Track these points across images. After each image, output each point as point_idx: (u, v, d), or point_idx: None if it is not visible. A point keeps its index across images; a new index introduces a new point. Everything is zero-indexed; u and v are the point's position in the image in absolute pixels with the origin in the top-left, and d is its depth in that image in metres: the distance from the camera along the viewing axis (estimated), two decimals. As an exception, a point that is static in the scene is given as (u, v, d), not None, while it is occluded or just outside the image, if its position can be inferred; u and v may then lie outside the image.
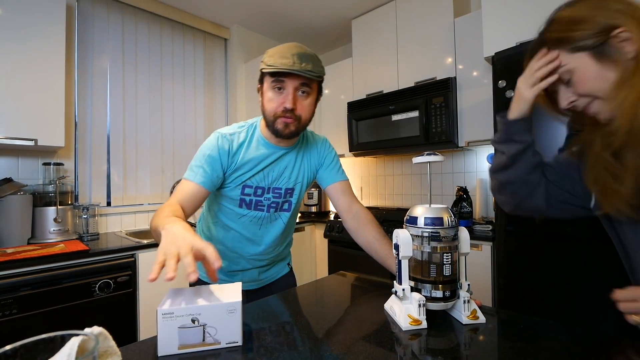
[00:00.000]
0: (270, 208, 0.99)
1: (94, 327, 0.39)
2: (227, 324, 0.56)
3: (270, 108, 0.89)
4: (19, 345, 0.32)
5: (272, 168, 0.97)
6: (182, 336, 0.54)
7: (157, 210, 0.81)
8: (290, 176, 0.99)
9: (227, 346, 0.56)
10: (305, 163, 1.03)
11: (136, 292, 1.68)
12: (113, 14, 2.23)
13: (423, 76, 2.17)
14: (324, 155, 1.05)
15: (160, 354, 0.54)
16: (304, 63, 0.84)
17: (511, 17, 1.69)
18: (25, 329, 1.35)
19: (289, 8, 2.56)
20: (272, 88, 0.87)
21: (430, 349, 0.55)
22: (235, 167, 0.93)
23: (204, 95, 2.72)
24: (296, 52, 0.84)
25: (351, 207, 1.01)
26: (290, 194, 1.01)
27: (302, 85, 0.86)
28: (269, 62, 0.85)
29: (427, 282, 0.63)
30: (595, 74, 0.57)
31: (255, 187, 0.96)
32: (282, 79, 0.85)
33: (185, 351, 0.54)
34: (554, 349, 0.53)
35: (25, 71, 1.63)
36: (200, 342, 0.55)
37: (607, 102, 0.57)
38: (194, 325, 0.54)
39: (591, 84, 0.58)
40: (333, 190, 1.03)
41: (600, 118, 0.60)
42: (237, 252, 1.02)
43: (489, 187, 0.87)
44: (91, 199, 2.11)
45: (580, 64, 0.59)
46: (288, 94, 0.86)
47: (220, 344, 0.56)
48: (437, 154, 0.66)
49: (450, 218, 0.63)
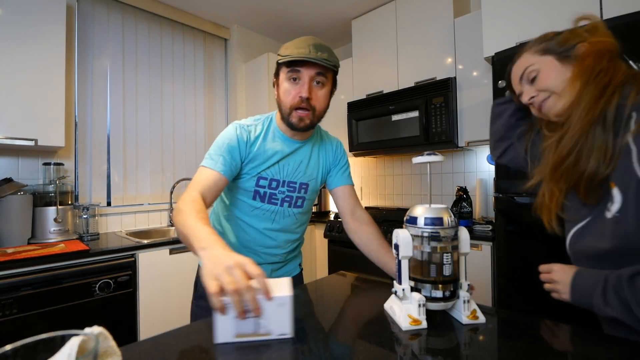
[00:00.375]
0: (284, 202, 0.99)
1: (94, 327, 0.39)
2: (278, 317, 0.58)
3: (286, 100, 0.90)
4: (19, 345, 0.32)
5: (287, 161, 0.98)
6: (237, 325, 0.57)
7: (180, 204, 0.79)
8: (305, 171, 1.01)
9: (278, 337, 0.59)
10: (321, 159, 1.05)
11: (136, 292, 1.68)
12: (113, 14, 2.24)
13: (423, 76, 2.17)
14: (338, 156, 1.09)
15: (218, 342, 0.57)
16: (320, 52, 0.86)
17: (511, 17, 1.69)
18: (25, 329, 1.35)
19: (289, 8, 2.56)
20: (288, 79, 0.89)
21: (430, 349, 0.55)
22: (251, 158, 0.94)
23: (204, 95, 2.72)
24: (312, 42, 0.87)
25: (355, 210, 1.06)
26: (305, 189, 1.02)
27: (318, 74, 0.88)
28: (284, 53, 0.87)
29: (427, 282, 0.63)
30: (557, 72, 0.70)
31: (271, 180, 0.97)
32: (297, 68, 0.87)
33: (240, 340, 0.58)
34: (553, 349, 0.53)
35: (25, 71, 1.64)
36: (253, 332, 0.58)
37: (560, 98, 0.69)
38: (248, 316, 0.57)
39: (551, 80, 0.71)
40: (340, 192, 1.07)
41: (552, 115, 0.72)
42: (249, 247, 1.02)
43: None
44: (91, 199, 2.11)
45: (546, 64, 0.72)
46: (304, 83, 0.88)
47: (271, 335, 0.59)
48: (437, 154, 0.66)
49: (450, 218, 0.63)
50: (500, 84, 1.50)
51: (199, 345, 0.57)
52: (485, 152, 2.21)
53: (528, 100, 0.75)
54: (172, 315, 1.76)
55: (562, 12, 1.54)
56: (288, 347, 0.56)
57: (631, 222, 0.58)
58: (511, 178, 1.47)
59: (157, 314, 1.74)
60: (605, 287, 0.60)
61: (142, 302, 1.69)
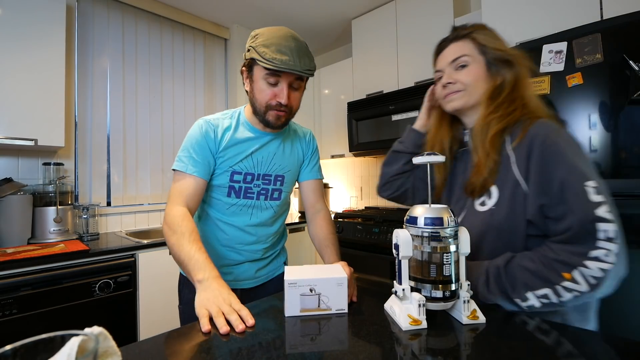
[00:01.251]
0: (260, 195, 0.99)
1: (94, 327, 0.38)
2: (337, 294, 0.69)
3: (261, 99, 0.89)
4: (19, 345, 0.32)
5: (260, 154, 0.97)
6: (302, 301, 0.68)
7: (170, 220, 0.84)
8: (280, 163, 1.00)
9: (336, 312, 0.69)
10: (295, 150, 1.05)
11: (136, 292, 1.68)
12: (113, 14, 2.24)
13: (423, 76, 2.17)
14: (310, 149, 1.10)
15: (287, 315, 0.68)
16: (302, 61, 0.84)
17: (511, 17, 1.69)
18: (25, 329, 1.35)
19: (289, 8, 2.56)
20: (264, 80, 0.87)
21: (430, 349, 0.55)
22: (222, 152, 0.93)
23: (204, 95, 2.72)
24: (293, 46, 0.84)
25: (316, 204, 1.09)
26: (281, 181, 1.02)
27: (296, 80, 0.88)
28: (265, 56, 0.82)
29: (427, 282, 0.63)
30: (481, 77, 0.79)
31: (245, 174, 0.96)
32: (278, 74, 0.85)
33: (305, 314, 0.68)
34: (553, 349, 0.53)
35: (25, 71, 1.63)
36: (316, 307, 0.69)
37: (469, 98, 0.79)
38: (311, 294, 0.68)
39: (473, 81, 0.79)
40: (307, 186, 1.09)
41: (450, 106, 0.82)
42: (229, 246, 1.01)
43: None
44: (91, 199, 2.11)
45: (478, 63, 0.79)
46: (283, 89, 0.86)
47: (331, 310, 0.69)
48: (437, 154, 0.66)
49: (450, 218, 0.63)
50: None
51: (199, 345, 0.57)
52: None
53: (444, 82, 0.82)
54: (172, 315, 1.75)
55: (562, 12, 1.54)
56: (345, 320, 0.67)
57: (503, 214, 0.72)
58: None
59: (157, 314, 1.74)
60: (488, 278, 0.70)
61: (142, 302, 1.69)
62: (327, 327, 0.63)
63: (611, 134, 1.22)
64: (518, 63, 0.77)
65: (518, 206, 0.71)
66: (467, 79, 0.79)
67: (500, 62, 0.78)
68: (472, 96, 0.79)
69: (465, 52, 0.79)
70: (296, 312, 0.68)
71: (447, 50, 0.83)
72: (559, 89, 1.33)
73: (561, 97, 1.32)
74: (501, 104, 0.76)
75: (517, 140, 0.72)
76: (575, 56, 1.29)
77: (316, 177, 1.10)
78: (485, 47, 0.79)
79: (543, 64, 1.37)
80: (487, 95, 0.78)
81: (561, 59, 1.33)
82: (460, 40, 0.81)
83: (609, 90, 1.22)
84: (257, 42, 0.84)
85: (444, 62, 0.83)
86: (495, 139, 0.75)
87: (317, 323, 0.65)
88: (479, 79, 0.79)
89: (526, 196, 0.70)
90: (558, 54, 1.34)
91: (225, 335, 0.59)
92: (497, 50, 0.78)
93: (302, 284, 0.68)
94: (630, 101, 1.18)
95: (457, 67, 0.80)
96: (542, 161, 0.68)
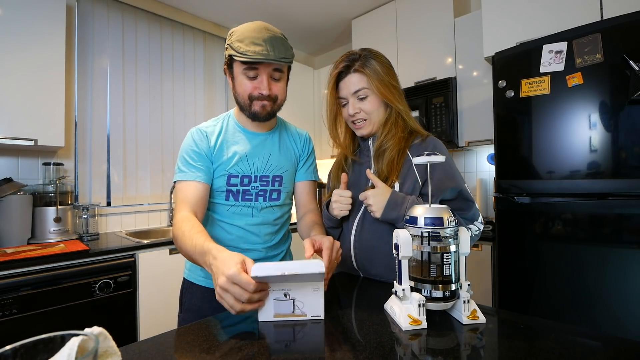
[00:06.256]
0: (259, 197, 0.99)
1: (94, 327, 0.38)
2: (312, 300, 0.66)
3: (243, 92, 0.89)
4: (19, 345, 0.32)
5: (255, 155, 0.97)
6: (276, 306, 0.65)
7: (175, 230, 0.83)
8: (277, 163, 1.00)
9: (312, 318, 0.66)
10: (290, 150, 1.05)
11: (136, 292, 1.68)
12: (113, 14, 2.24)
13: (423, 76, 2.17)
14: (307, 150, 1.09)
15: (260, 320, 0.65)
16: (277, 49, 0.84)
17: (511, 17, 1.69)
18: (25, 329, 1.35)
19: (289, 8, 2.56)
20: (244, 74, 0.87)
21: (430, 349, 0.55)
22: (216, 156, 0.94)
23: (204, 95, 2.72)
24: (267, 36, 0.84)
25: (308, 205, 1.08)
26: (279, 182, 1.01)
27: (275, 70, 0.88)
28: (240, 50, 0.82)
29: (427, 282, 0.63)
30: (379, 109, 0.95)
31: (242, 176, 0.96)
32: (255, 66, 0.85)
33: (278, 319, 0.65)
34: (554, 349, 0.53)
35: (25, 71, 1.64)
36: (290, 312, 0.65)
37: (373, 127, 0.96)
38: (285, 298, 0.65)
39: (374, 111, 0.94)
40: (301, 187, 1.09)
41: (359, 132, 0.98)
42: (235, 246, 1.00)
43: None
44: (91, 199, 2.11)
45: (374, 94, 0.93)
46: (262, 80, 0.87)
47: (306, 316, 0.66)
48: (437, 154, 0.66)
49: (450, 218, 0.63)
50: (501, 84, 1.50)
51: (199, 345, 0.57)
52: (485, 152, 2.21)
53: (351, 112, 0.95)
54: (172, 316, 1.75)
55: (562, 12, 1.54)
56: (321, 327, 0.63)
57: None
58: (511, 178, 1.47)
59: (157, 314, 1.74)
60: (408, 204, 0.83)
61: (142, 302, 1.69)
62: (316, 331, 0.61)
63: (611, 134, 1.22)
64: (392, 103, 0.94)
65: (415, 192, 0.90)
66: (369, 109, 0.94)
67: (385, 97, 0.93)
68: (374, 123, 0.96)
69: (363, 85, 0.92)
70: (270, 317, 0.65)
71: (347, 80, 0.94)
72: (559, 89, 1.33)
73: (561, 97, 1.32)
74: (393, 127, 0.94)
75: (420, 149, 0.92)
76: (576, 56, 1.30)
77: (311, 179, 1.10)
78: (373, 82, 0.92)
79: (543, 64, 1.37)
80: (383, 122, 0.96)
81: (561, 59, 1.33)
82: (357, 73, 0.92)
83: (609, 90, 1.22)
84: (233, 38, 0.85)
85: (347, 91, 0.95)
86: (394, 161, 0.91)
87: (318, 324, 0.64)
88: (378, 107, 0.94)
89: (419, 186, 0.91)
90: (558, 54, 1.34)
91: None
92: (379, 91, 0.92)
93: (275, 288, 0.65)
94: (630, 101, 1.18)
95: (359, 98, 0.94)
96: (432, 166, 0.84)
